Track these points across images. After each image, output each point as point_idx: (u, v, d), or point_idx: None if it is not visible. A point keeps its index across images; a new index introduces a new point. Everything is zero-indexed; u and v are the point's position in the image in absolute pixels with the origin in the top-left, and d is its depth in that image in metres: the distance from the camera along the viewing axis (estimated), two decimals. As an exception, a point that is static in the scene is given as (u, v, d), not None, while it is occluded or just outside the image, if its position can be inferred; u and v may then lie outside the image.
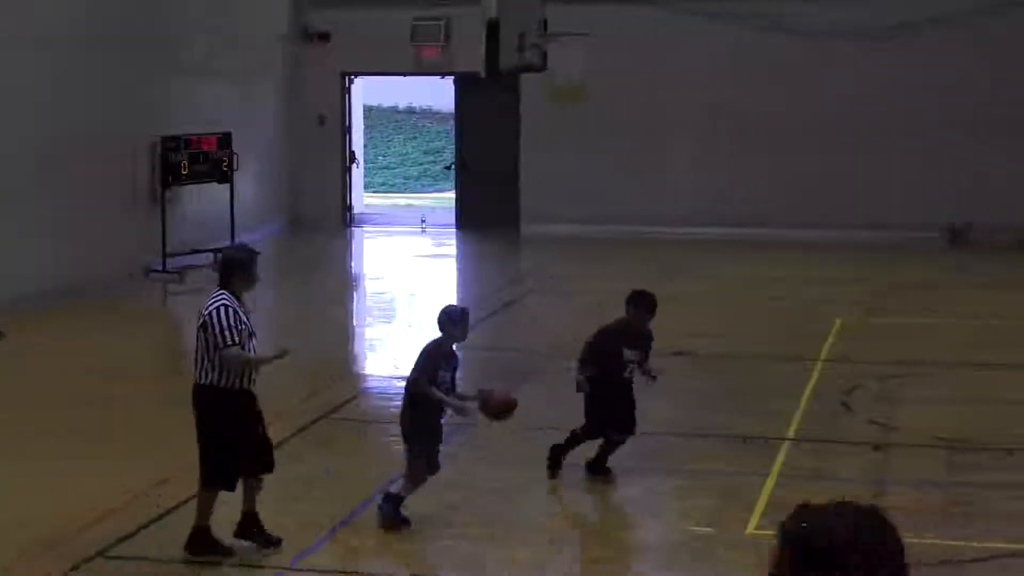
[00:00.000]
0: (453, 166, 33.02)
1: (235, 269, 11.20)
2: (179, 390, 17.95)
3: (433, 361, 11.92)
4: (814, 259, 27.50)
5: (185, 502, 12.41)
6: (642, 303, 13.24)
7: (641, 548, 11.68)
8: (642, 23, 29.89)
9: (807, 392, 16.63)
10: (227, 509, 11.34)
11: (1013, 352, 19.05)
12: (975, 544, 11.62)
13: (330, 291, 25.80)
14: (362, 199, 33.88)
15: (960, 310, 22.31)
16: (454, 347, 12.11)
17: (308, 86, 31.41)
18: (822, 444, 14.62)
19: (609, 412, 13.14)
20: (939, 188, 29.05)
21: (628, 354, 13.08)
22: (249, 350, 11.08)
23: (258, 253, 11.51)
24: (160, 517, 12.11)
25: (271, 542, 11.29)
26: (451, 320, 12.10)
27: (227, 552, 11.16)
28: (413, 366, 12.05)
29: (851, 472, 13.68)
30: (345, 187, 32.18)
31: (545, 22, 23.04)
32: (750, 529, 11.94)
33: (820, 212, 29.44)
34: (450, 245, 30.65)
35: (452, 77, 31.71)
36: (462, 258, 30.07)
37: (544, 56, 23.09)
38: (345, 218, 32.13)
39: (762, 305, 22.82)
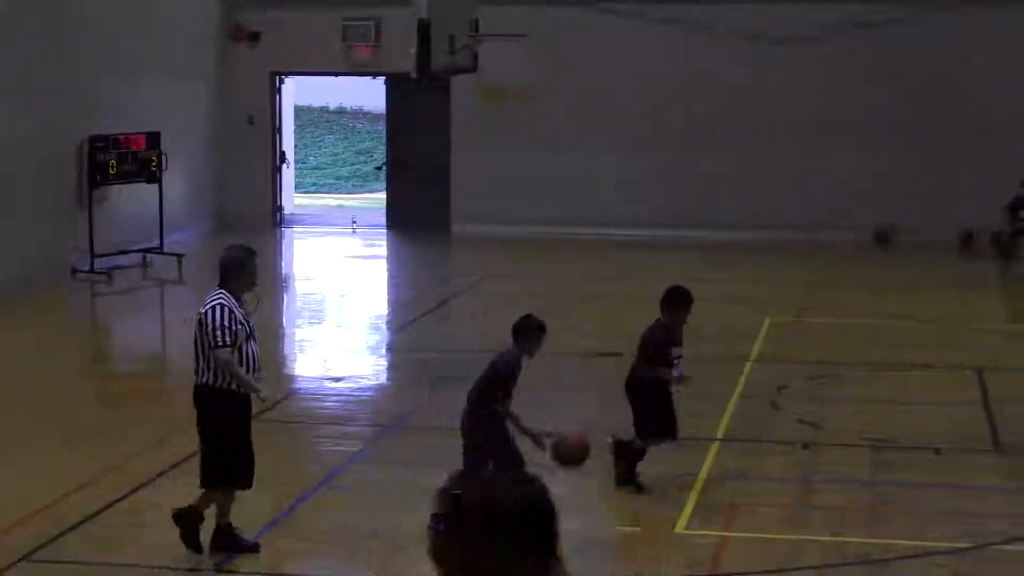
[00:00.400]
0: (384, 166, 32.96)
1: (233, 269, 11.21)
2: (103, 391, 17.92)
3: (512, 379, 11.60)
4: (743, 259, 27.62)
5: (111, 504, 12.32)
6: (680, 299, 13.16)
7: (568, 547, 11.67)
8: (573, 24, 29.93)
9: (736, 392, 16.70)
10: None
11: (940, 352, 19.19)
12: (902, 542, 11.70)
13: (259, 292, 25.61)
14: (292, 199, 33.75)
15: (887, 311, 22.44)
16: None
17: (238, 86, 31.25)
18: (751, 443, 14.68)
19: (655, 416, 13.05)
20: (868, 189, 29.25)
21: (676, 351, 13.09)
22: (248, 351, 11.02)
23: (256, 253, 11.48)
24: (86, 520, 12.00)
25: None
26: (538, 330, 11.80)
27: (253, 548, 11.12)
28: (485, 383, 11.64)
29: (779, 471, 13.74)
30: (275, 187, 32.03)
31: (476, 23, 23.05)
32: (679, 528, 11.98)
33: (749, 213, 29.57)
34: (381, 246, 30.58)
35: (383, 77, 31.65)
36: (393, 259, 30.01)
37: (475, 57, 23.09)
38: (275, 219, 31.99)
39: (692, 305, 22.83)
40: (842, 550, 11.53)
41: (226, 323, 10.86)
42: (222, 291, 11.08)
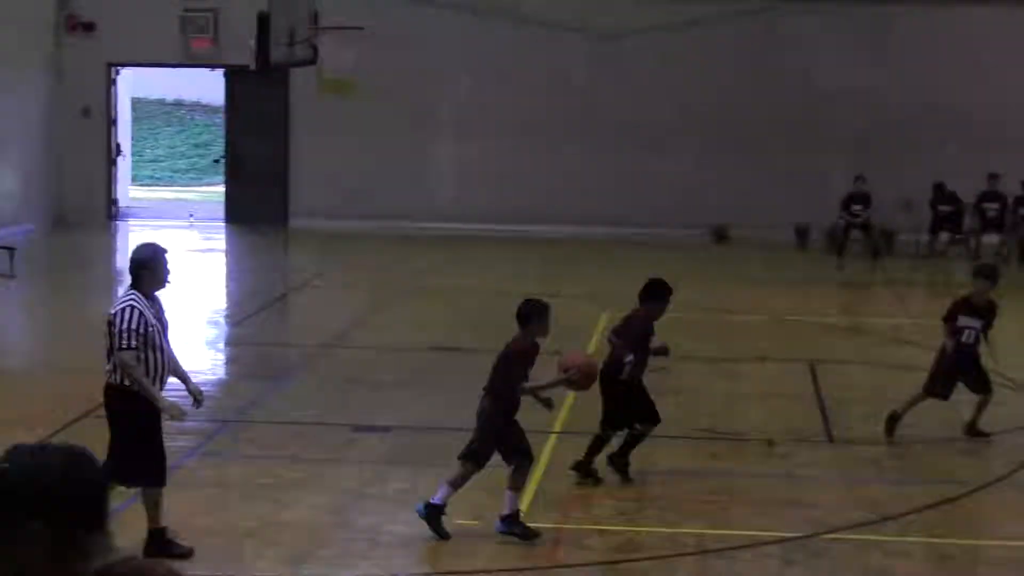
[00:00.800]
0: (222, 159, 32.67)
1: (143, 269, 10.95)
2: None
3: (525, 364, 11.76)
4: (581, 255, 27.79)
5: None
6: (663, 292, 13.45)
7: (406, 543, 11.67)
8: (413, 18, 29.89)
9: (575, 385, 16.76)
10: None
11: (774, 346, 19.48)
12: (736, 532, 11.85)
13: (92, 287, 25.27)
14: (128, 193, 33.29)
15: (721, 305, 22.72)
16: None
17: (73, 76, 30.73)
18: (588, 436, 14.72)
19: (637, 404, 13.22)
20: (706, 188, 29.58)
21: (654, 340, 13.37)
22: (156, 352, 10.76)
23: (166, 251, 11.24)
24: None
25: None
26: (543, 311, 11.93)
27: (186, 553, 10.94)
28: (503, 371, 11.75)
29: (616, 464, 13.83)
30: (110, 180, 31.59)
31: (316, 15, 22.96)
32: (517, 521, 12.01)
33: (589, 209, 29.75)
34: (218, 240, 30.28)
35: (222, 70, 31.35)
36: (231, 253, 29.74)
37: (315, 49, 23.00)
38: (110, 212, 31.54)
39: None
40: (677, 540, 11.64)
41: (133, 326, 10.65)
42: (133, 292, 10.86)
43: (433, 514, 11.54)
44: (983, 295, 14.62)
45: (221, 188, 32.92)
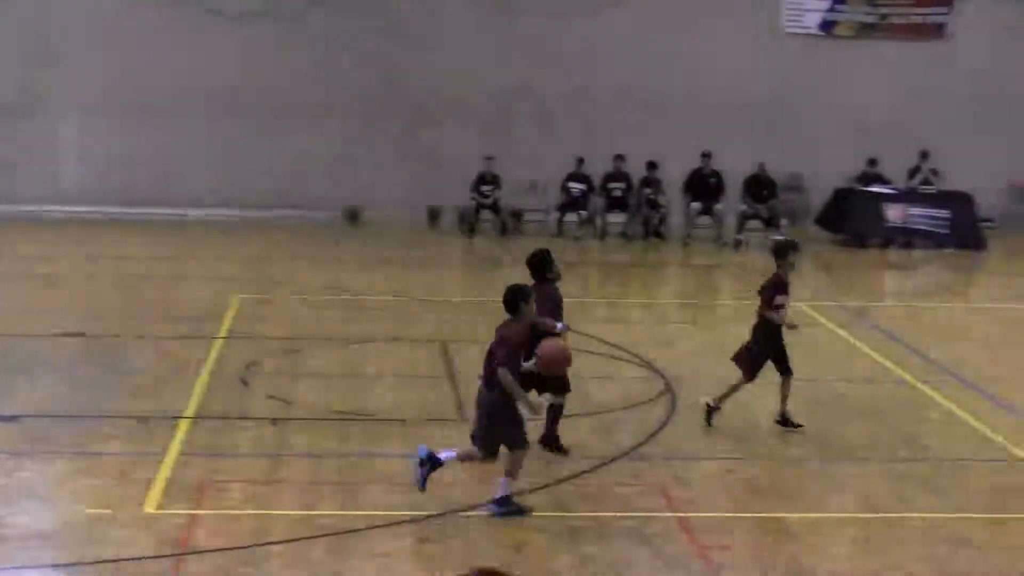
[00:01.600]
0: None
1: None
2: None
3: (521, 349, 11.88)
4: (213, 237, 27.50)
5: None
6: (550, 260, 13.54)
7: (36, 534, 11.32)
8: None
9: (206, 370, 16.61)
10: None
11: (407, 326, 19.61)
12: (371, 513, 11.89)
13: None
14: None
15: (354, 286, 22.76)
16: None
17: None
18: (221, 420, 14.62)
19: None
20: (338, 170, 29.55)
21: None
22: None
23: None
24: None
25: None
26: (524, 298, 12.00)
27: None
28: (500, 352, 11.78)
29: (249, 447, 13.75)
30: None
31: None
32: (149, 508, 11.83)
33: (223, 191, 29.38)
34: None
35: None
36: None
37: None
38: None
39: (158, 284, 22.59)
40: (311, 523, 11.61)
41: None
42: None
43: (505, 505, 11.84)
44: (791, 269, 14.90)
45: None
